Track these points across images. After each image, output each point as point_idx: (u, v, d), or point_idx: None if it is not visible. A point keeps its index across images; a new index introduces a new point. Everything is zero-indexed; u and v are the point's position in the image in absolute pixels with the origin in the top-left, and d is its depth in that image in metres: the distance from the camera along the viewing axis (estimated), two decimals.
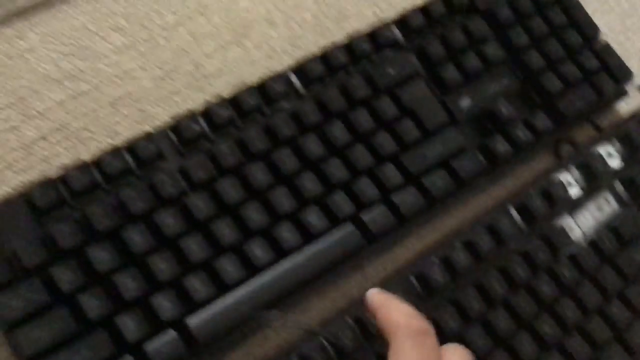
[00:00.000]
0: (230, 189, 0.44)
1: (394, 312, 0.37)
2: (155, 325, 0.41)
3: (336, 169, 0.47)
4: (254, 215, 0.44)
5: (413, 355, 0.34)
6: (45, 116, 0.46)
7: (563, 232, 0.50)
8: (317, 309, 0.47)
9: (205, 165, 0.45)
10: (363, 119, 0.49)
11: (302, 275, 0.45)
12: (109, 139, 0.47)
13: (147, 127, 0.48)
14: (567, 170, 0.53)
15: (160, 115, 0.49)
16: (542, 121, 0.53)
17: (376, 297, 0.39)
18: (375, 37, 0.51)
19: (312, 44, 0.54)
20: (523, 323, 0.47)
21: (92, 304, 0.40)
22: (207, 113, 0.46)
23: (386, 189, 0.48)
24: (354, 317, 0.45)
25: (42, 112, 0.46)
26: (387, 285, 0.46)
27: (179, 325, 0.41)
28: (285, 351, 0.43)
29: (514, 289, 0.47)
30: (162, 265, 0.41)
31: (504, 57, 0.54)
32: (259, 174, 0.45)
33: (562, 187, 0.51)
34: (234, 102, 0.47)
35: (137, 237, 0.42)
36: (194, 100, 0.49)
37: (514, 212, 0.50)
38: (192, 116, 0.46)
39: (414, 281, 0.47)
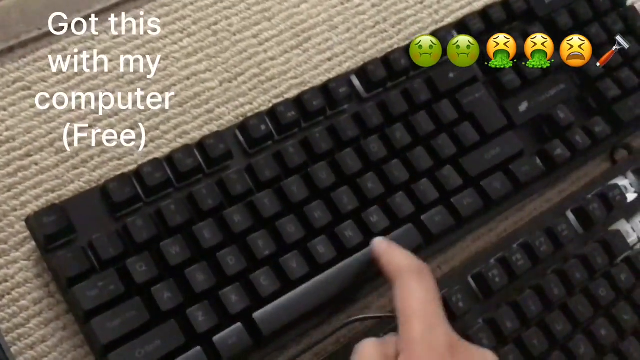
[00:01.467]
0: (295, 188, 0.46)
1: (397, 256, 0.41)
2: (224, 318, 0.42)
3: (397, 171, 0.48)
4: (318, 214, 0.46)
5: (418, 289, 0.38)
6: (119, 115, 0.48)
7: (620, 236, 0.50)
8: (376, 307, 0.48)
9: (271, 164, 0.46)
10: (424, 122, 0.50)
11: (363, 274, 0.46)
12: (179, 138, 0.49)
13: (214, 128, 0.50)
14: (624, 175, 0.54)
15: (226, 116, 0.50)
16: (599, 126, 0.53)
17: (381, 244, 0.43)
18: None
19: (372, 48, 0.55)
20: (580, 326, 0.47)
21: (165, 296, 0.41)
22: (273, 114, 0.47)
23: (445, 191, 0.49)
24: None
25: (115, 112, 0.48)
26: (444, 284, 0.47)
27: (245, 318, 0.43)
28: (344, 345, 0.45)
29: (571, 292, 0.48)
30: (231, 261, 0.43)
31: (562, 62, 0.54)
32: (322, 174, 0.46)
33: (620, 191, 0.51)
34: (298, 103, 0.48)
35: (207, 233, 0.43)
36: (259, 102, 0.51)
37: (571, 216, 0.51)
38: (259, 117, 0.47)
39: (472, 282, 0.48)
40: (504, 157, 0.51)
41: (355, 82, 0.51)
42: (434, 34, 0.52)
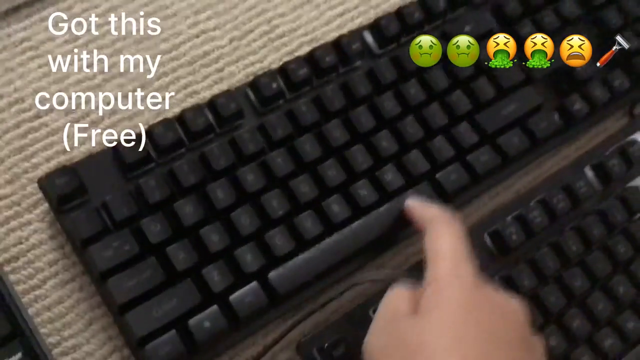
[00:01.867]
0: (308, 147, 0.45)
1: (429, 207, 0.43)
2: (239, 277, 0.42)
3: (412, 129, 0.47)
4: (332, 173, 0.45)
5: (447, 232, 0.40)
6: (128, 75, 0.47)
7: (638, 193, 0.49)
8: (391, 265, 0.48)
9: (284, 123, 0.45)
10: (438, 77, 0.49)
11: (378, 232, 0.46)
12: (189, 97, 0.48)
13: (225, 87, 0.49)
14: None
15: (236, 75, 0.49)
16: (618, 80, 0.52)
17: (414, 202, 0.45)
18: None
19: (385, 2, 0.53)
20: (598, 283, 0.47)
21: (180, 256, 0.41)
22: (285, 72, 0.47)
23: (461, 148, 0.48)
24: None
25: (125, 71, 0.47)
26: None
27: (261, 278, 0.42)
28: (359, 305, 0.44)
29: (589, 248, 0.47)
30: (245, 221, 0.43)
31: (581, 14, 0.53)
32: (336, 132, 0.46)
33: (639, 147, 0.50)
34: (310, 60, 0.47)
35: (220, 193, 0.43)
36: (269, 60, 0.50)
37: (589, 172, 0.50)
38: (270, 74, 0.46)
39: (488, 239, 0.47)
40: (521, 113, 0.49)
41: (368, 38, 0.50)
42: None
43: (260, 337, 0.44)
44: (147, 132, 0.44)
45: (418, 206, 0.44)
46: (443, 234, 0.40)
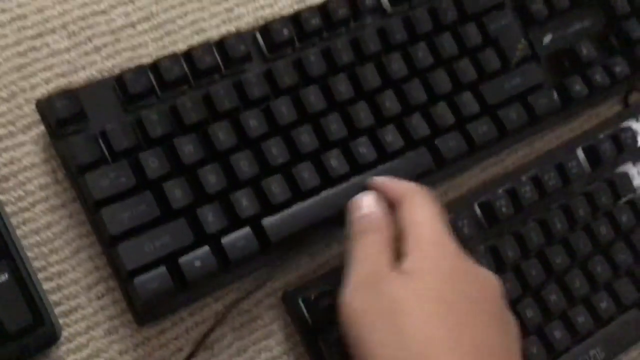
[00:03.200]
0: (312, 98, 0.45)
1: (399, 182, 0.43)
2: (233, 221, 0.42)
3: (416, 91, 0.47)
4: (334, 127, 0.45)
5: (425, 204, 0.40)
6: (135, 4, 0.46)
7: (626, 178, 0.51)
8: None
9: (290, 71, 0.45)
10: (447, 43, 0.48)
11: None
12: (195, 34, 0.47)
13: (232, 28, 0.48)
14: (636, 118, 0.53)
15: (245, 17, 0.49)
16: (619, 66, 0.53)
17: (379, 178, 0.44)
18: None
19: None
20: (578, 261, 0.48)
21: (176, 193, 0.41)
22: (297, 20, 0.46)
23: (462, 116, 0.48)
24: None
25: (131, 0, 0.46)
26: (450, 209, 0.47)
27: (254, 223, 0.42)
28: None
29: (573, 227, 0.49)
30: (244, 165, 0.42)
31: None
32: (342, 86, 0.45)
33: (632, 134, 0.51)
34: (323, 11, 0.47)
35: (221, 135, 0.42)
36: (280, 5, 0.49)
37: (580, 154, 0.51)
38: (282, 21, 0.46)
39: (477, 209, 0.48)
40: (524, 88, 0.50)
41: None
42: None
43: (247, 282, 0.44)
44: (152, 65, 0.43)
45: (389, 181, 0.43)
46: (421, 205, 0.40)
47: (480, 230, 0.48)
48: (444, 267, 0.37)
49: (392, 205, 0.41)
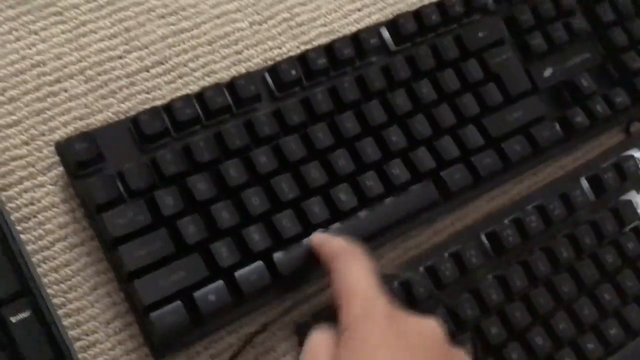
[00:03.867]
0: (321, 135, 0.46)
1: (332, 242, 0.42)
2: (246, 255, 0.43)
3: (421, 126, 0.49)
4: (342, 162, 0.46)
5: (353, 267, 0.39)
6: (149, 49, 0.48)
7: (630, 206, 0.52)
8: (389, 257, 0.49)
9: (299, 110, 0.47)
10: (450, 79, 0.50)
11: (380, 224, 0.47)
12: (206, 76, 0.49)
13: (242, 69, 0.50)
14: (638, 147, 0.55)
15: (254, 59, 0.50)
16: (620, 97, 0.54)
17: (319, 237, 0.44)
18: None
19: (401, 1, 0.55)
20: (585, 289, 0.49)
21: (190, 230, 0.42)
22: (304, 59, 0.48)
23: (466, 149, 0.49)
24: (425, 266, 0.47)
25: (145, 45, 0.48)
26: (457, 240, 0.48)
27: (266, 257, 0.44)
28: None
29: (579, 255, 0.49)
30: (255, 201, 0.44)
31: (589, 31, 0.55)
32: (348, 123, 0.47)
33: (635, 163, 0.53)
34: (329, 51, 0.48)
35: (233, 172, 0.44)
36: (287, 47, 0.51)
37: (584, 183, 0.52)
38: (289, 61, 0.47)
39: (484, 239, 0.49)
40: (526, 121, 0.51)
41: (385, 34, 0.51)
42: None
43: (260, 314, 0.45)
44: (166, 106, 0.44)
45: (323, 241, 0.43)
46: (348, 269, 0.39)
47: (488, 260, 0.49)
48: (375, 341, 0.36)
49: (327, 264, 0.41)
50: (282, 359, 0.45)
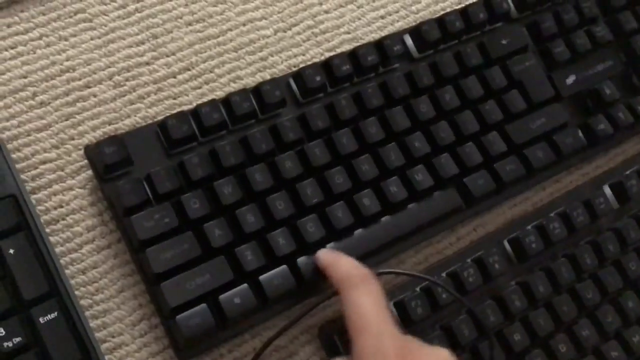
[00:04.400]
0: (345, 141, 0.47)
1: (341, 266, 0.42)
2: (270, 259, 0.43)
3: (444, 133, 0.49)
4: (365, 167, 0.47)
5: (362, 300, 0.39)
6: (176, 55, 0.49)
7: None
8: (411, 263, 0.50)
9: (323, 115, 0.47)
10: (473, 86, 0.50)
11: (403, 230, 0.47)
12: (232, 82, 0.50)
13: (267, 75, 0.50)
14: None
15: (279, 65, 0.51)
16: None
17: (326, 255, 0.43)
18: (490, 7, 0.52)
19: (425, 9, 0.55)
20: (608, 296, 0.49)
21: (216, 233, 0.43)
22: (328, 66, 0.48)
23: (489, 156, 0.50)
24: (448, 272, 0.47)
25: (172, 51, 0.49)
26: (480, 246, 0.48)
27: (291, 262, 0.44)
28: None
29: (602, 263, 0.49)
30: (280, 206, 0.44)
31: (612, 39, 0.55)
32: (372, 129, 0.47)
33: None
34: (353, 57, 0.49)
35: (258, 177, 0.44)
36: (311, 54, 0.52)
37: (607, 190, 0.52)
38: (314, 67, 0.48)
39: (507, 245, 0.49)
40: (549, 128, 0.51)
41: (408, 41, 0.51)
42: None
43: (284, 319, 0.45)
44: (193, 112, 0.45)
45: (330, 261, 0.42)
46: (358, 302, 0.39)
47: (511, 267, 0.49)
48: (390, 357, 0.37)
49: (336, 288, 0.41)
50: None
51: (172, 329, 0.41)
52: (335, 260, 0.42)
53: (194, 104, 0.47)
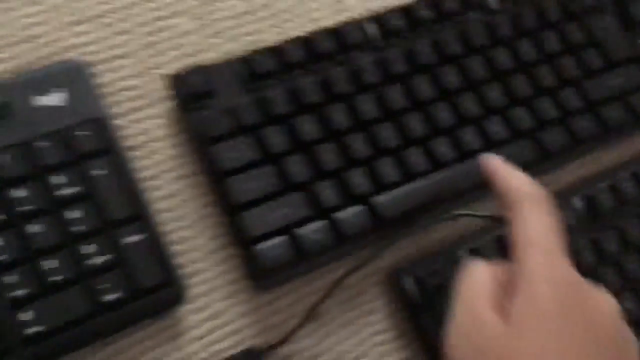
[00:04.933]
0: (423, 87, 0.46)
1: (514, 178, 0.37)
2: (348, 197, 0.44)
3: (522, 86, 0.49)
4: (444, 114, 0.46)
5: (538, 219, 0.35)
6: None
7: None
8: (486, 209, 0.49)
9: (402, 61, 0.47)
10: (553, 40, 0.50)
11: (478, 177, 0.47)
12: (308, 23, 0.49)
13: (343, 17, 0.50)
14: None
15: (355, 8, 0.51)
16: None
17: (494, 161, 0.39)
18: None
19: None
20: None
21: (296, 169, 0.43)
22: (408, 11, 0.48)
23: (565, 111, 0.49)
24: None
25: None
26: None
27: (367, 201, 0.44)
28: (454, 242, 0.46)
29: None
30: (358, 145, 0.44)
31: None
32: (451, 76, 0.47)
33: None
34: (434, 4, 0.49)
35: (339, 115, 0.44)
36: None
37: None
38: (393, 11, 0.48)
39: (578, 202, 0.49)
40: (625, 88, 0.51)
41: None
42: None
43: (357, 259, 0.45)
44: (276, 48, 0.45)
45: (499, 172, 0.38)
46: (534, 220, 0.35)
47: (581, 223, 0.49)
48: (555, 311, 0.33)
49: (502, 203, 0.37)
50: (374, 303, 0.46)
51: (251, 258, 0.42)
52: (508, 171, 0.38)
53: (272, 42, 0.47)
